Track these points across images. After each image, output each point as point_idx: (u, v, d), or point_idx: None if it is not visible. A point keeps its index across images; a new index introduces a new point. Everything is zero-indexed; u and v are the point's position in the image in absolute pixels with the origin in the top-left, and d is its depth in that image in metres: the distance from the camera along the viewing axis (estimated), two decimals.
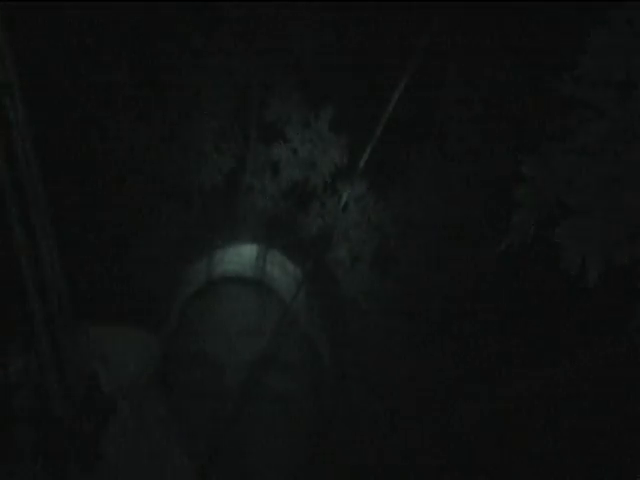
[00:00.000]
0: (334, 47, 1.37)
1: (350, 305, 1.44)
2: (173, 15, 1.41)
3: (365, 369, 1.44)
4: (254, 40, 1.36)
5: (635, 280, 1.11)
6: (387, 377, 1.51)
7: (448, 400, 1.50)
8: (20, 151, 0.83)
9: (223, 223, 1.40)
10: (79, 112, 1.46)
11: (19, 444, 1.07)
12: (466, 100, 1.42)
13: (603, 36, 1.01)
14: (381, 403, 1.48)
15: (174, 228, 1.41)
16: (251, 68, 1.34)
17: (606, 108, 0.96)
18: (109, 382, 1.02)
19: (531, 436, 1.52)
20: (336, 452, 1.32)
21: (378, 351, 1.50)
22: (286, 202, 1.36)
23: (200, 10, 1.40)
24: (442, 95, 1.38)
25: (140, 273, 1.49)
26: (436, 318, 1.48)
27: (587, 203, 0.95)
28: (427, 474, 1.50)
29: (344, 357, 1.38)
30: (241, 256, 1.30)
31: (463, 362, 1.51)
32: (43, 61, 1.49)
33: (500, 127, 1.47)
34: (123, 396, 1.05)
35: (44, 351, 0.92)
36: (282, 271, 1.31)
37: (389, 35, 1.43)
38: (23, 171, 0.83)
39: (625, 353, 1.46)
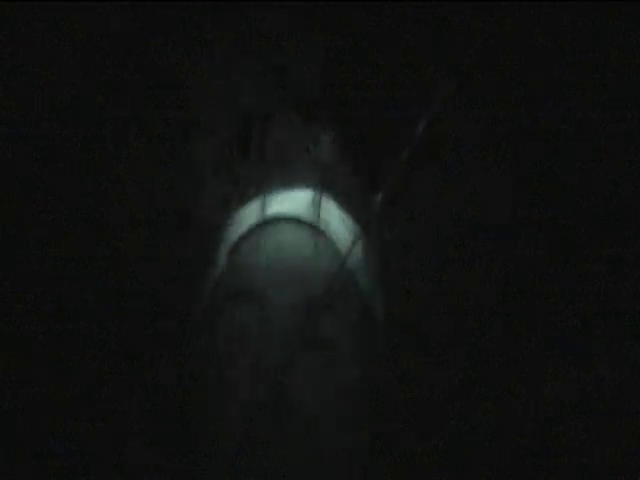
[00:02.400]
0: (334, 73, 1.35)
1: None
2: (172, 41, 1.39)
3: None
4: (255, 66, 1.34)
5: None
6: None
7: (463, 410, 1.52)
8: None
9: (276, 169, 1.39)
10: (78, 131, 1.45)
11: None
12: (467, 122, 1.41)
13: None
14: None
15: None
16: (251, 93, 1.32)
17: None
18: None
19: (541, 445, 1.54)
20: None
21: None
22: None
23: (200, 36, 1.38)
24: (443, 117, 1.37)
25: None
26: (440, 331, 1.48)
27: None
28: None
29: (396, 314, 1.40)
30: (296, 199, 1.31)
31: (469, 374, 1.52)
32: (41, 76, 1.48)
33: (500, 148, 1.46)
34: None
35: None
36: (337, 219, 1.31)
37: (389, 60, 1.41)
38: None
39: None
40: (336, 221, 1.30)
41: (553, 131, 1.58)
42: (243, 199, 1.35)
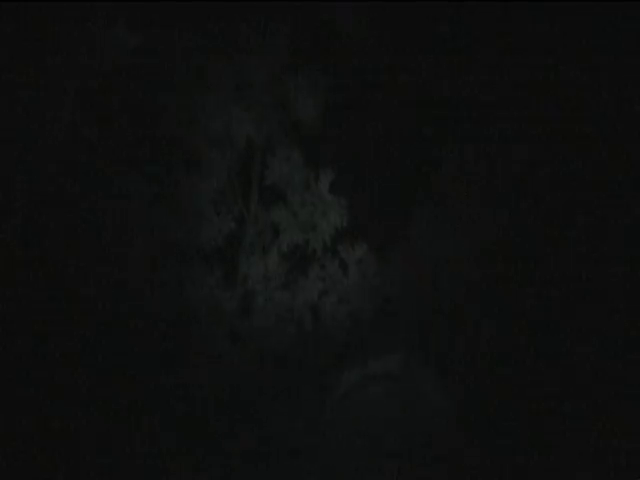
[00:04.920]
0: (334, 110, 1.35)
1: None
2: (174, 81, 1.38)
3: None
4: (255, 103, 1.33)
5: None
6: None
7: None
8: None
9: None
10: (79, 170, 1.46)
11: None
12: (466, 161, 1.41)
13: None
14: None
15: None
16: (252, 130, 1.32)
17: None
18: None
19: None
20: None
21: None
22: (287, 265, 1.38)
23: (200, 74, 1.37)
24: (442, 157, 1.37)
25: None
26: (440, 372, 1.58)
27: None
28: None
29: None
30: (392, 361, 1.61)
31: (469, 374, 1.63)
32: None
33: (499, 188, 1.48)
34: None
35: None
36: (427, 378, 1.64)
37: (389, 97, 1.40)
38: None
39: None
40: (425, 378, 1.68)
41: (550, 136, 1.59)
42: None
